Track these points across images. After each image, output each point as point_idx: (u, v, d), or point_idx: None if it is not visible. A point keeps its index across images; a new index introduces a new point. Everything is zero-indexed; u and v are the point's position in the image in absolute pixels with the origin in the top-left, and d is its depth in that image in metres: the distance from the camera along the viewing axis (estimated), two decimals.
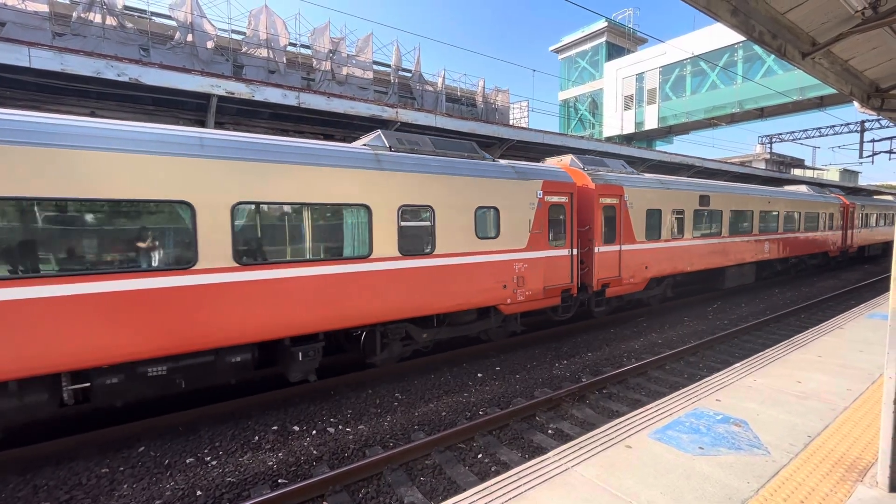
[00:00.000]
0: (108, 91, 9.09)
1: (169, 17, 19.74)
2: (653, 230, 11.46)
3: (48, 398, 4.94)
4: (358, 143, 7.56)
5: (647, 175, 12.28)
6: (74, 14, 17.11)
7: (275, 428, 5.88)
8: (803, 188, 20.74)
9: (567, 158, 11.07)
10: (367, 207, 6.71)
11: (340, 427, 5.94)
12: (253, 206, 5.87)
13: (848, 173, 52.80)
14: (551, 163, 11.21)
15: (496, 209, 8.25)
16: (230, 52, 20.87)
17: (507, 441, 5.60)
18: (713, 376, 5.43)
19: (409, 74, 27.19)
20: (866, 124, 28.85)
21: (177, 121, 10.61)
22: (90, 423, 5.87)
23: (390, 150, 7.33)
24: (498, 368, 8.13)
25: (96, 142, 4.91)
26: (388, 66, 26.51)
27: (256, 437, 5.65)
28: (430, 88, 27.75)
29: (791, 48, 5.36)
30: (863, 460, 3.46)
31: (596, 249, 10.09)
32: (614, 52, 43.97)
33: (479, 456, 5.25)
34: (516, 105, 34.00)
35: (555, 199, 9.22)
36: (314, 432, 5.81)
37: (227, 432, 5.75)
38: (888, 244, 27.66)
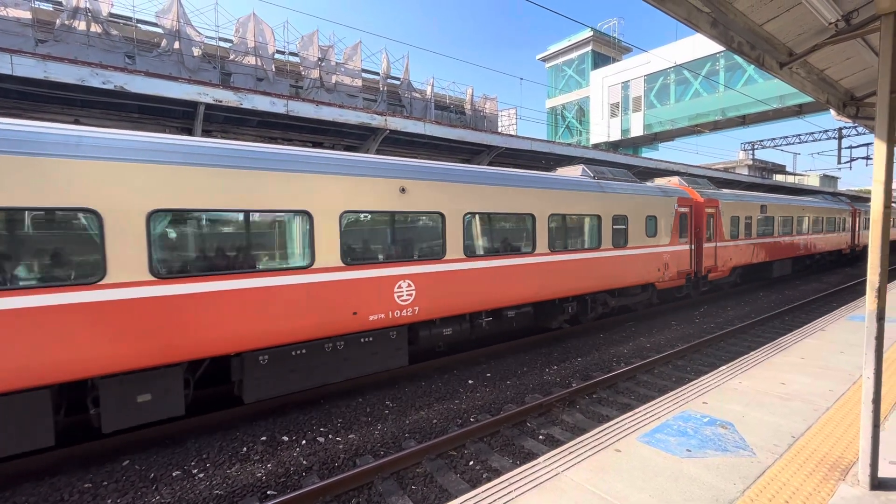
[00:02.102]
0: (93, 99, 9.00)
1: (155, 25, 19.62)
2: (734, 231, 15.04)
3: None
4: (568, 173, 10.96)
5: (726, 190, 15.98)
6: (58, 21, 16.93)
7: (264, 438, 5.81)
8: (818, 197, 24.50)
9: (675, 178, 14.78)
10: (598, 217, 10.05)
11: (331, 436, 5.89)
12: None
13: (828, 178, 54.12)
14: (660, 181, 14.47)
15: (655, 217, 11.70)
16: (217, 60, 20.80)
17: (499, 447, 5.60)
18: (700, 379, 5.50)
19: (398, 82, 27.33)
20: (843, 131, 29.70)
21: (163, 129, 10.53)
22: (71, 438, 5.74)
23: (593, 179, 10.57)
24: (489, 375, 8.13)
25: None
26: (377, 73, 26.63)
27: (245, 448, 5.57)
28: (419, 96, 27.91)
29: (769, 58, 5.52)
30: (845, 459, 3.54)
31: (704, 245, 13.60)
32: (600, 60, 44.73)
33: (471, 463, 5.24)
34: (504, 113, 34.36)
35: (682, 209, 12.80)
36: (304, 442, 5.75)
37: (214, 444, 5.67)
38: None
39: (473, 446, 5.59)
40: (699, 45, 31.78)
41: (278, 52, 22.90)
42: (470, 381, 7.80)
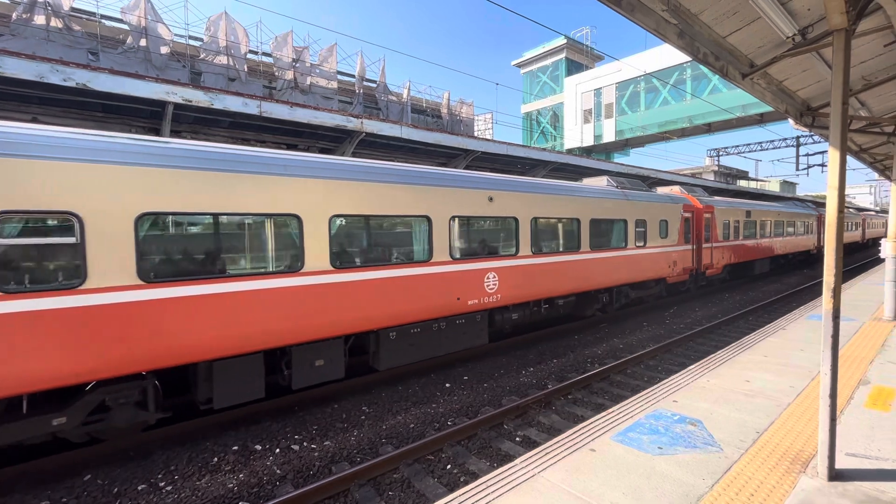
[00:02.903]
0: (53, 97, 8.61)
1: (120, 21, 18.93)
2: (726, 234, 17.07)
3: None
4: (594, 183, 12.32)
5: (718, 198, 18.19)
6: (14, 14, 16.12)
7: (235, 448, 5.65)
8: (790, 203, 27.06)
9: (676, 187, 16.73)
10: (624, 221, 11.67)
11: (305, 444, 5.78)
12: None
13: (787, 184, 56.74)
14: (662, 190, 15.93)
15: (667, 221, 13.43)
16: (187, 59, 20.22)
17: (476, 450, 5.61)
18: (670, 378, 5.66)
19: (374, 85, 27.20)
20: (801, 139, 31.24)
21: (129, 129, 10.15)
22: (27, 454, 5.43)
23: (618, 188, 12.16)
24: (466, 378, 8.15)
25: None
26: (353, 76, 26.43)
27: (216, 459, 5.40)
28: (396, 99, 27.84)
29: (732, 69, 5.76)
30: (805, 453, 3.70)
31: (703, 246, 15.47)
32: (573, 67, 45.70)
33: (448, 467, 5.23)
34: (481, 117, 34.63)
35: (686, 214, 14.55)
36: (277, 450, 5.61)
37: (183, 455, 5.47)
38: (846, 244, 32.89)
39: (451, 450, 5.58)
40: (667, 55, 32.90)
41: (251, 51, 22.45)
42: (447, 385, 7.80)
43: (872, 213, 50.91)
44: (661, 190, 16.06)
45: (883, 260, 8.59)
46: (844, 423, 4.24)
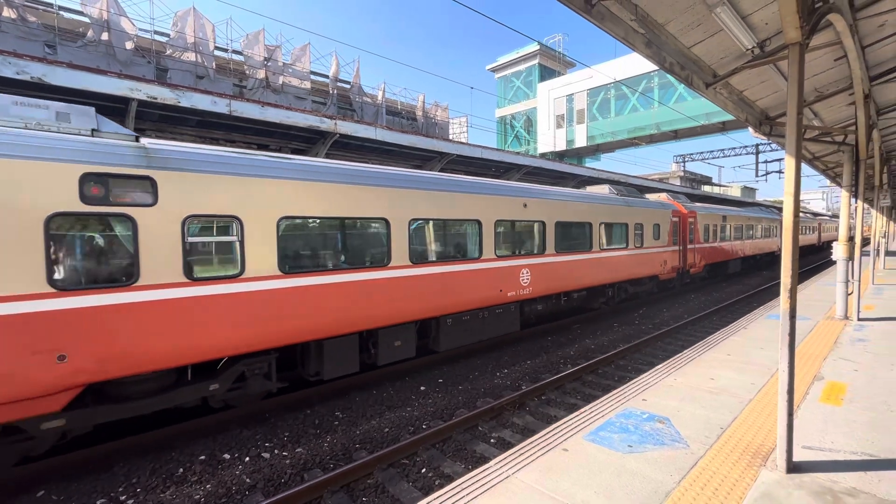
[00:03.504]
0: (5, 91, 8.13)
1: (81, 13, 18.11)
2: (706, 237, 18.84)
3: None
4: (596, 191, 13.59)
5: (698, 204, 20.18)
6: None
7: (202, 458, 5.45)
8: (757, 208, 29.55)
9: (664, 195, 18.39)
10: (626, 225, 13.13)
11: (276, 451, 5.64)
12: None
13: (748, 190, 59.37)
14: (652, 197, 17.28)
15: (659, 225, 14.92)
16: (153, 55, 19.52)
17: (451, 453, 5.61)
18: (640, 377, 5.81)
19: (349, 86, 26.94)
20: (760, 147, 32.76)
21: None
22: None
23: (618, 196, 13.49)
24: (441, 380, 8.14)
25: None
26: (326, 76, 26.11)
27: (181, 470, 5.20)
28: (370, 101, 27.66)
29: (697, 79, 5.99)
30: (765, 447, 3.87)
31: (688, 247, 17.14)
32: (546, 73, 46.55)
33: (423, 470, 5.20)
34: (456, 121, 34.82)
35: (674, 219, 16.08)
36: (247, 459, 5.46)
37: (146, 466, 5.24)
38: (803, 246, 35.80)
39: (426, 453, 5.56)
40: (636, 64, 33.96)
41: (220, 48, 21.88)
42: (422, 388, 7.77)
43: (827, 217, 54.07)
44: (651, 197, 17.30)
45: (835, 262, 9.09)
46: (801, 417, 4.45)
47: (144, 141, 5.26)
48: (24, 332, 4.27)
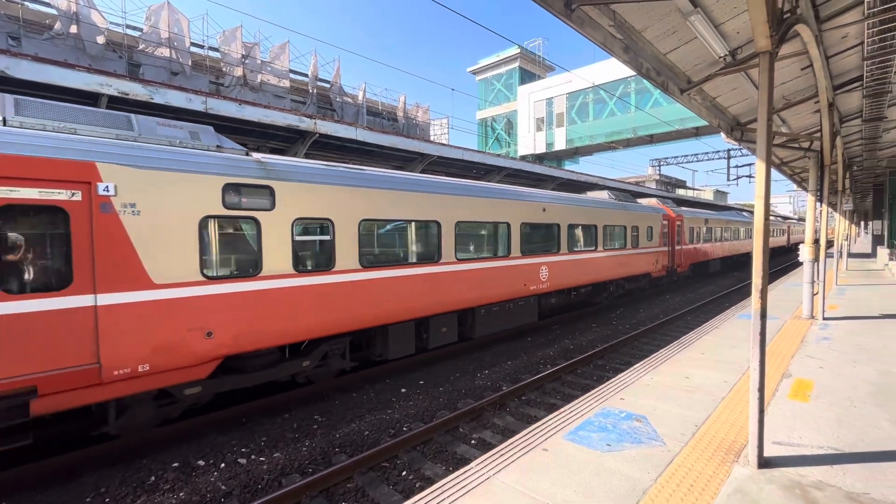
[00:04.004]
0: None
1: (48, 5, 17.40)
2: (691, 238, 20.73)
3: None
4: (597, 196, 14.97)
5: (684, 208, 22.06)
6: None
7: (175, 465, 5.29)
8: (734, 212, 31.52)
9: (654, 200, 19.84)
10: (625, 227, 14.57)
11: (253, 457, 5.51)
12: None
13: (720, 193, 61.24)
14: (644, 202, 18.64)
15: (652, 227, 16.48)
16: (125, 49, 18.91)
17: (432, 455, 5.59)
18: (618, 377, 5.91)
19: (329, 85, 26.65)
20: (731, 152, 33.85)
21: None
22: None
23: (616, 200, 15.09)
24: (422, 382, 8.11)
25: None
26: (306, 75, 25.77)
27: (153, 478, 5.03)
28: (351, 101, 27.43)
29: (672, 84, 6.13)
30: (738, 443, 3.98)
31: (676, 248, 18.97)
32: (527, 76, 47.05)
33: (404, 473, 5.17)
34: (437, 122, 34.84)
35: (664, 222, 17.80)
36: (223, 465, 5.32)
37: (115, 475, 5.05)
38: (774, 248, 37.96)
39: (406, 456, 5.52)
40: (614, 69, 34.63)
41: (196, 45, 21.35)
42: (403, 390, 7.73)
43: (794, 220, 56.49)
44: (643, 201, 18.83)
45: (801, 263, 9.45)
46: (771, 413, 4.60)
47: (256, 155, 6.23)
48: (183, 312, 5.29)
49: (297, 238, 6.39)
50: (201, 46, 21.81)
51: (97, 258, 4.69)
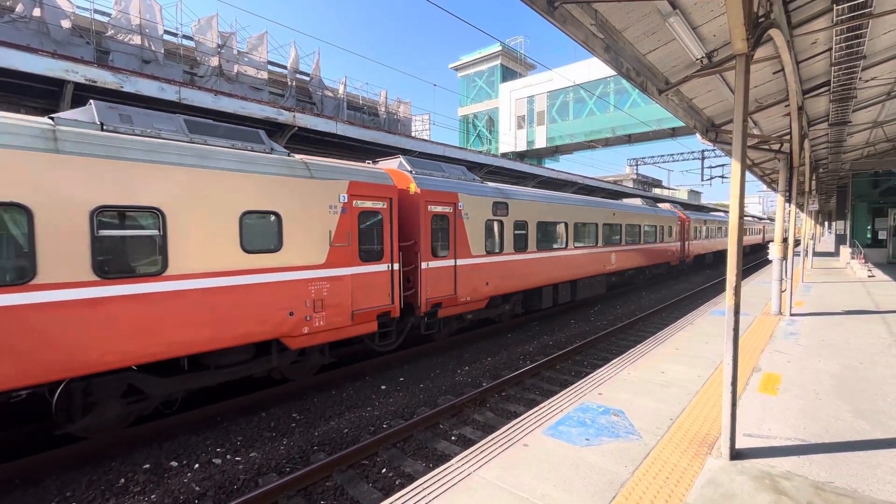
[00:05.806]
0: None
1: None
2: (695, 236, 25.30)
3: None
4: (631, 202, 19.68)
5: (689, 211, 26.88)
6: None
7: (147, 466, 5.13)
8: (721, 213, 36.32)
9: (668, 205, 25.46)
10: (656, 226, 20.15)
11: (229, 457, 5.39)
12: None
13: (694, 193, 62.86)
14: (663, 206, 23.77)
15: (671, 227, 21.93)
16: (93, 35, 18.12)
17: (412, 452, 5.57)
18: (596, 372, 6.00)
19: (308, 78, 26.16)
20: (705, 153, 34.75)
21: (18, 109, 8.87)
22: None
23: (649, 206, 20.48)
24: (402, 379, 8.08)
25: None
26: (285, 67, 25.24)
27: (122, 480, 4.86)
28: (331, 94, 27.00)
29: (651, 85, 6.23)
30: (711, 436, 4.09)
31: (685, 243, 23.91)
32: (508, 74, 47.21)
33: (384, 471, 5.14)
34: (418, 117, 34.61)
35: (679, 223, 22.58)
36: (196, 466, 5.18)
37: (82, 479, 4.87)
38: (752, 245, 42.04)
39: (386, 453, 5.49)
40: (594, 68, 35.06)
41: (170, 32, 20.64)
42: (383, 387, 7.68)
43: (768, 220, 58.86)
44: (661, 206, 23.97)
45: (770, 261, 9.79)
46: (742, 406, 4.74)
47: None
48: (475, 273, 9.89)
49: (516, 232, 11.04)
50: (175, 34, 21.10)
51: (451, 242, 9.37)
